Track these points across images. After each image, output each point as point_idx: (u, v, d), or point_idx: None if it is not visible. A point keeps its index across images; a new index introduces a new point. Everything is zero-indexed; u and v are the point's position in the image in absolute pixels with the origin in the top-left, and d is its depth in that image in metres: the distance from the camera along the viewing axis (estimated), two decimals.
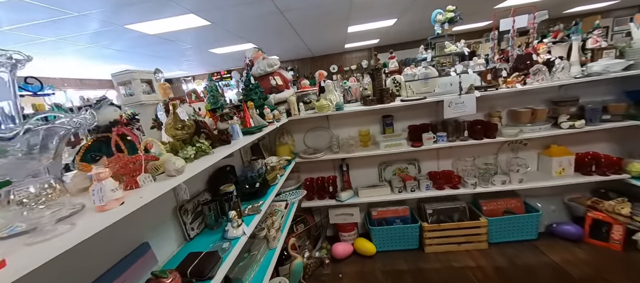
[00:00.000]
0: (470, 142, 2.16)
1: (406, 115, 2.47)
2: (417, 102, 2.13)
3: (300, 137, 2.62)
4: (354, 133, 2.54)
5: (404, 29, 7.27)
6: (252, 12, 3.77)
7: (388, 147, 2.28)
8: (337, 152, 2.39)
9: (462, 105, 2.08)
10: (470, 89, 2.07)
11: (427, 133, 2.22)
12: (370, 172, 2.62)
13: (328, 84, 2.31)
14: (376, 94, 2.30)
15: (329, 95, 2.34)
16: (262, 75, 2.23)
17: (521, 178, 2.19)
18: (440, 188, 2.33)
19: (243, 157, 1.96)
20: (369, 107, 2.19)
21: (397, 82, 2.42)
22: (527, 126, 2.16)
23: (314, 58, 11.09)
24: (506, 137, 2.11)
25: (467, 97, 2.06)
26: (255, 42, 6.68)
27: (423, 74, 2.31)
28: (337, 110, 2.20)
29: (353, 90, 2.42)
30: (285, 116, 2.27)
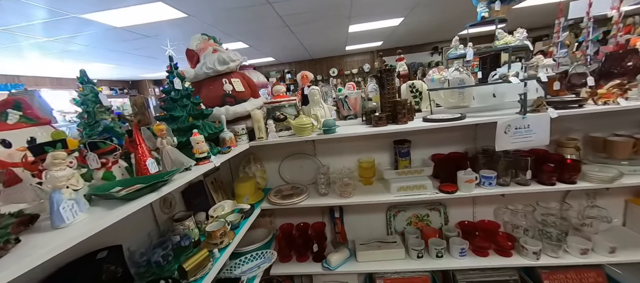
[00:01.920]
0: (534, 188, 1.36)
1: (428, 140, 1.68)
2: (450, 123, 1.34)
3: (275, 166, 1.82)
4: (351, 163, 1.74)
5: (411, 29, 6.52)
6: (234, 3, 3.12)
7: (403, 192, 1.48)
8: (325, 193, 1.59)
9: (527, 131, 1.29)
10: (540, 105, 1.28)
11: (464, 171, 1.43)
12: (374, 218, 1.82)
13: (313, 91, 1.52)
14: (386, 108, 1.51)
15: (314, 108, 1.55)
16: (209, 76, 1.44)
17: (613, 247, 1.38)
18: (481, 254, 1.52)
19: (158, 215, 1.15)
20: (376, 129, 1.40)
21: (417, 90, 1.63)
22: (623, 164, 1.37)
23: (313, 61, 10.36)
24: (597, 182, 1.31)
25: (536, 119, 1.27)
26: (245, 40, 5.96)
27: (457, 79, 1.52)
28: (326, 133, 1.41)
29: (351, 101, 1.64)
30: (245, 139, 1.48)
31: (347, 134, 1.39)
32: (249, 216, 1.40)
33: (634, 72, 1.30)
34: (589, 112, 1.25)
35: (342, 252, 1.64)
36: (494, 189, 1.39)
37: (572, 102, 1.28)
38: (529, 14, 5.23)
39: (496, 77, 1.32)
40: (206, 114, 1.21)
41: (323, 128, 1.42)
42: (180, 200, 1.30)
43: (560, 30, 1.59)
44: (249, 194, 1.59)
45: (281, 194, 1.62)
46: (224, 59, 1.41)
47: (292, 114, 1.51)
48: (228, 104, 1.43)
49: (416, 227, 1.77)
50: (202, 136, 1.05)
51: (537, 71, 1.24)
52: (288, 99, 1.49)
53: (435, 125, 1.35)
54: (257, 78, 1.88)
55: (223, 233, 1.13)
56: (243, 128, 1.46)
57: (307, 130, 1.42)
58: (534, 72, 1.24)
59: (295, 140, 1.43)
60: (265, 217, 1.85)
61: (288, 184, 1.78)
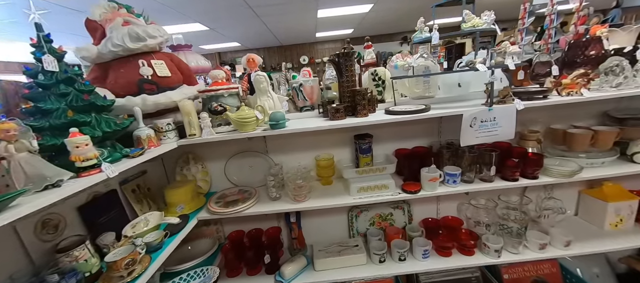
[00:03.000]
0: (498, 185, 1.28)
1: (392, 134, 1.53)
2: (413, 116, 1.18)
3: (220, 166, 1.55)
4: (308, 161, 1.54)
5: (381, 17, 6.38)
6: None
7: (364, 193, 1.32)
8: (277, 197, 1.38)
9: (493, 124, 1.18)
10: (507, 96, 1.17)
11: (428, 168, 1.30)
12: (334, 221, 1.66)
13: (258, 78, 1.26)
14: (345, 99, 1.31)
15: (261, 99, 1.30)
16: (118, 56, 1.11)
17: (568, 241, 1.37)
18: (444, 254, 1.44)
19: (31, 245, 0.84)
20: (332, 123, 1.20)
21: (380, 78, 1.45)
22: (580, 157, 1.34)
23: (283, 47, 9.89)
24: (558, 177, 1.26)
25: (502, 111, 1.16)
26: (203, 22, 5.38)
27: (422, 66, 1.37)
28: (273, 128, 1.18)
29: (307, 91, 1.42)
30: (173, 136, 1.19)
31: (298, 129, 1.18)
32: (180, 231, 1.14)
33: (596, 61, 1.25)
34: (553, 103, 1.17)
35: (298, 261, 1.45)
36: (459, 187, 1.29)
37: (537, 93, 1.19)
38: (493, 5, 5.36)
39: (463, 65, 1.19)
40: (104, 106, 0.90)
41: (270, 122, 1.18)
42: (77, 218, 0.99)
43: (526, 16, 1.50)
44: (185, 202, 1.32)
45: (225, 200, 1.37)
46: (138, 34, 1.09)
47: (233, 105, 1.25)
48: (147, 92, 1.13)
49: (379, 227, 1.64)
50: (86, 137, 0.76)
51: (505, 58, 1.12)
52: (227, 87, 1.22)
53: (398, 119, 1.19)
54: (196, 61, 1.57)
55: (131, 261, 0.87)
56: (169, 123, 1.17)
57: (251, 125, 1.17)
58: (502, 59, 1.12)
59: (237, 136, 1.18)
60: (210, 225, 1.59)
61: (235, 187, 1.53)
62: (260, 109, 1.21)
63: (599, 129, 1.34)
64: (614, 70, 1.17)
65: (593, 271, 1.61)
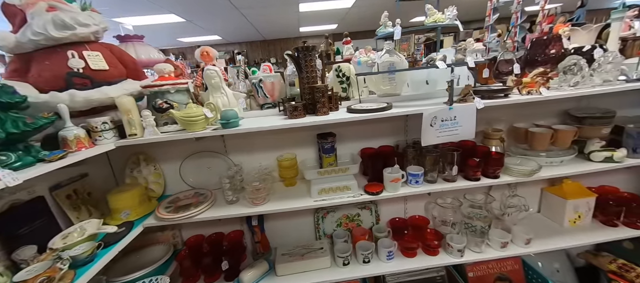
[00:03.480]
0: (460, 185, 1.26)
1: (357, 133, 1.48)
2: (375, 115, 1.13)
3: (175, 167, 1.44)
4: (270, 161, 1.47)
5: (364, 13, 6.33)
6: None
7: (325, 195, 1.26)
8: (234, 200, 1.29)
9: (454, 123, 1.15)
10: (467, 95, 1.15)
11: (391, 169, 1.26)
12: (300, 223, 1.60)
13: (210, 73, 1.16)
14: (305, 96, 1.24)
15: (214, 95, 1.20)
16: (41, 46, 0.98)
17: (528, 239, 1.38)
18: (409, 255, 1.42)
19: None
20: (291, 122, 1.13)
21: (344, 74, 1.39)
22: (541, 155, 1.35)
23: (266, 42, 9.67)
24: (518, 176, 1.25)
25: (462, 109, 1.13)
26: (179, 13, 5.11)
27: (387, 62, 1.32)
28: (225, 127, 1.09)
29: (267, 87, 1.34)
30: (111, 137, 1.08)
31: (252, 129, 1.10)
32: (119, 240, 1.04)
33: (556, 60, 1.24)
34: (513, 102, 1.15)
35: (259, 266, 1.39)
36: (421, 187, 1.26)
37: (499, 92, 1.17)
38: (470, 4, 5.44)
39: (424, 62, 1.14)
40: (13, 103, 0.78)
41: (221, 121, 1.09)
42: None
43: (492, 13, 1.48)
44: (132, 207, 1.21)
45: (176, 204, 1.28)
46: (65, 21, 0.96)
47: (182, 102, 1.15)
48: (77, 87, 1.00)
49: (346, 228, 1.60)
50: None
51: (465, 55, 1.09)
52: (174, 83, 1.11)
53: (358, 117, 1.13)
54: (147, 54, 1.44)
55: (46, 279, 0.76)
56: (105, 122, 1.05)
57: (199, 124, 1.08)
58: (462, 56, 1.09)
59: (185, 136, 1.09)
60: (166, 231, 1.49)
61: (192, 189, 1.43)
62: (210, 106, 1.12)
63: (558, 128, 1.35)
64: (572, 69, 1.17)
65: (554, 266, 1.65)
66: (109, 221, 1.18)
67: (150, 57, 1.45)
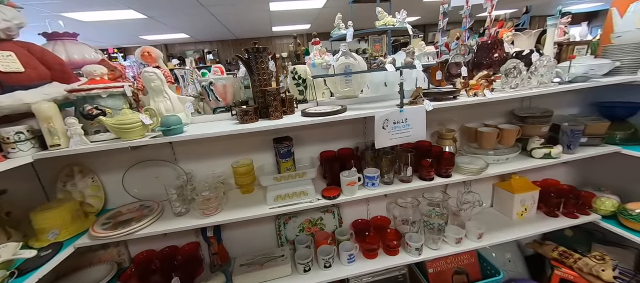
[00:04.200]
0: (415, 185, 1.29)
1: (316, 136, 1.46)
2: (328, 118, 1.11)
3: (117, 178, 1.32)
4: (224, 168, 1.39)
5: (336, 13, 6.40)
6: None
7: (281, 201, 1.22)
8: (182, 212, 1.21)
9: (405, 126, 1.16)
10: (418, 97, 1.17)
11: (347, 172, 1.25)
12: (261, 230, 1.54)
13: (148, 76, 1.07)
14: (257, 99, 1.19)
15: (155, 100, 1.11)
16: None
17: (481, 233, 1.45)
18: (370, 256, 1.42)
19: None
20: (241, 127, 1.07)
21: (300, 77, 1.36)
22: (489, 154, 1.42)
23: (238, 41, 9.37)
24: (468, 174, 1.30)
25: (413, 112, 1.15)
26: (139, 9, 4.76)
27: (342, 64, 1.31)
28: (166, 135, 1.01)
29: (218, 90, 1.26)
30: (28, 148, 0.95)
31: (197, 135, 1.02)
32: (42, 265, 0.92)
33: (499, 63, 1.31)
34: (461, 104, 1.19)
35: (215, 279, 1.31)
36: (378, 189, 1.26)
37: (448, 94, 1.21)
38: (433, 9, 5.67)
39: (375, 65, 1.15)
40: None
41: (161, 128, 1.01)
42: None
43: (442, 18, 1.53)
44: (61, 226, 1.08)
45: (116, 220, 1.16)
46: None
47: (117, 107, 1.04)
48: None
49: (309, 233, 1.57)
50: None
51: (413, 58, 1.11)
52: (105, 86, 1.00)
53: (313, 121, 1.10)
54: (80, 54, 1.30)
55: None
56: (20, 132, 0.92)
57: (135, 132, 0.98)
58: (410, 59, 1.10)
59: (119, 145, 0.98)
60: (109, 248, 1.35)
61: (137, 201, 1.31)
62: (149, 112, 1.03)
63: (503, 127, 1.43)
64: (512, 72, 1.24)
65: (506, 256, 1.75)
66: (33, 243, 1.04)
67: (85, 57, 1.31)
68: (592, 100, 1.63)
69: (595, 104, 1.61)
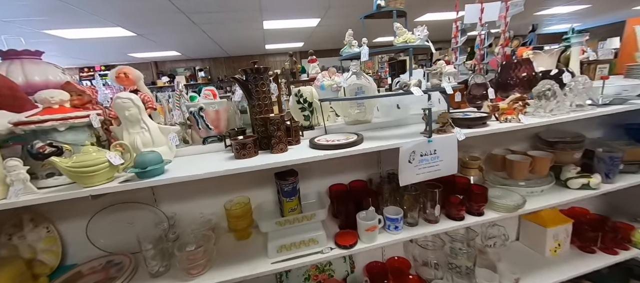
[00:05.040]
0: (444, 226, 1.09)
1: (324, 167, 1.26)
2: (344, 152, 0.92)
3: (79, 226, 1.06)
4: (216, 209, 1.16)
5: (330, 32, 6.38)
6: None
7: (286, 252, 1.00)
8: (161, 272, 0.96)
9: (434, 158, 0.98)
10: (446, 124, 1.00)
11: (365, 213, 1.05)
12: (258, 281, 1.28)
13: (122, 103, 0.86)
14: (257, 128, 0.99)
15: (130, 132, 0.89)
16: None
17: (517, 278, 1.25)
18: None
19: None
20: (237, 164, 0.86)
21: (305, 100, 1.18)
22: (520, 185, 1.25)
23: (230, 58, 9.27)
24: (503, 211, 1.12)
25: (443, 142, 0.98)
26: (128, 27, 4.60)
27: (354, 86, 1.14)
28: (142, 178, 0.78)
29: (210, 116, 1.06)
30: None
31: (180, 178, 0.80)
32: None
33: (528, 83, 1.17)
34: (493, 131, 1.03)
35: None
36: (402, 234, 1.05)
37: (477, 120, 1.05)
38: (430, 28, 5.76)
39: (397, 87, 0.98)
40: None
41: (134, 169, 0.78)
42: None
43: (459, 35, 1.41)
44: None
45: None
46: None
47: (79, 142, 0.82)
48: None
49: (316, 281, 1.33)
50: None
51: (441, 80, 0.95)
52: (64, 116, 0.79)
53: (325, 155, 0.91)
54: (43, 75, 1.08)
55: None
56: None
57: (100, 176, 0.76)
58: (438, 81, 0.94)
59: (78, 194, 0.75)
60: None
61: (104, 256, 1.05)
62: (119, 149, 0.81)
63: (535, 154, 1.27)
64: (545, 94, 1.10)
65: None
66: None
67: (49, 79, 1.09)
68: (618, 122, 1.52)
69: (621, 126, 1.49)
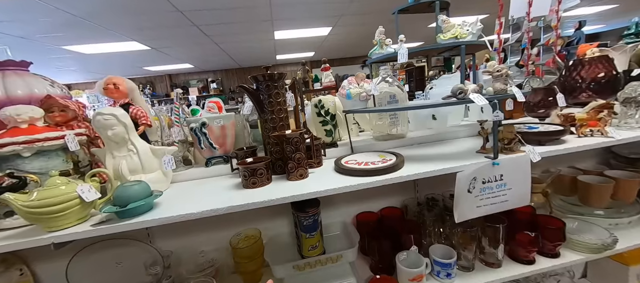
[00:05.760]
0: (511, 274, 0.84)
1: (350, 192, 1.04)
2: (382, 179, 0.70)
3: (58, 267, 0.89)
4: (220, 244, 0.96)
5: (342, 40, 6.27)
6: None
7: None
8: None
9: (499, 187, 0.75)
10: (513, 141, 0.76)
11: (405, 254, 0.82)
12: None
13: (104, 120, 0.69)
14: (271, 147, 0.80)
15: (114, 155, 0.72)
16: None
17: None
18: None
19: None
20: (244, 198, 0.67)
21: (327, 111, 0.98)
22: (597, 214, 0.98)
23: (242, 69, 9.33)
24: (586, 252, 0.86)
25: (512, 165, 0.74)
26: (143, 41, 4.66)
27: (386, 94, 0.93)
28: (122, 217, 0.60)
29: (214, 133, 0.87)
30: None
31: (170, 219, 0.61)
32: None
33: (608, 86, 0.93)
34: (577, 149, 0.79)
35: None
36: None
37: (552, 135, 0.81)
38: None
39: (433, 90, 0.76)
40: None
41: (111, 208, 0.60)
42: None
43: (511, 31, 1.19)
44: None
45: None
46: None
47: (50, 170, 0.65)
48: None
49: None
50: None
51: (508, 83, 0.73)
52: (29, 139, 0.62)
53: (360, 184, 0.70)
54: (27, 88, 0.93)
55: None
56: None
57: (67, 217, 0.58)
58: (503, 85, 0.72)
59: (37, 242, 0.57)
60: None
61: None
62: (97, 179, 0.63)
63: (618, 175, 1.00)
64: (637, 100, 0.85)
65: None
66: None
67: (34, 92, 0.94)
68: None
69: None
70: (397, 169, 0.73)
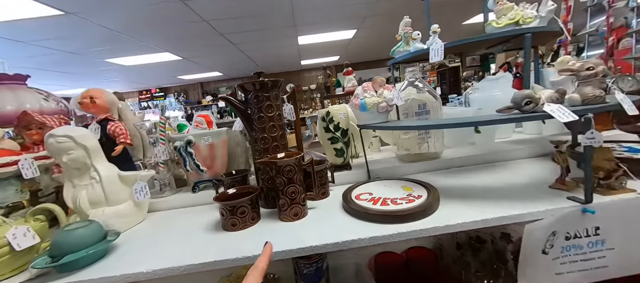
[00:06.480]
0: None
1: None
2: (404, 230, 0.49)
3: None
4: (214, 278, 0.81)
5: (368, 43, 6.01)
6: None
7: None
8: None
9: (594, 246, 0.49)
10: (613, 173, 0.50)
11: None
12: None
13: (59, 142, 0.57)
14: (261, 176, 0.63)
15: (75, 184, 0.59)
16: None
17: None
18: None
19: None
20: (215, 256, 0.50)
21: (337, 125, 0.78)
22: None
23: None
24: None
25: (614, 211, 0.48)
26: (174, 51, 4.91)
27: (413, 101, 0.72)
28: (63, 271, 0.46)
29: (201, 153, 0.73)
30: None
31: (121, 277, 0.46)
32: None
33: None
34: None
35: None
36: None
37: None
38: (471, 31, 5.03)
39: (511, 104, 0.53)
40: None
41: (44, 260, 0.47)
42: None
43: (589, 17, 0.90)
44: None
45: None
46: None
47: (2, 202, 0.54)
48: None
49: None
50: None
51: (605, 86, 0.48)
52: None
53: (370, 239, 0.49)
54: (17, 103, 0.88)
55: None
56: None
57: None
58: (598, 92, 0.47)
59: None
60: None
61: None
62: (39, 220, 0.50)
63: None
64: None
65: None
66: None
67: (25, 106, 0.89)
68: None
69: None
70: (429, 213, 0.51)
